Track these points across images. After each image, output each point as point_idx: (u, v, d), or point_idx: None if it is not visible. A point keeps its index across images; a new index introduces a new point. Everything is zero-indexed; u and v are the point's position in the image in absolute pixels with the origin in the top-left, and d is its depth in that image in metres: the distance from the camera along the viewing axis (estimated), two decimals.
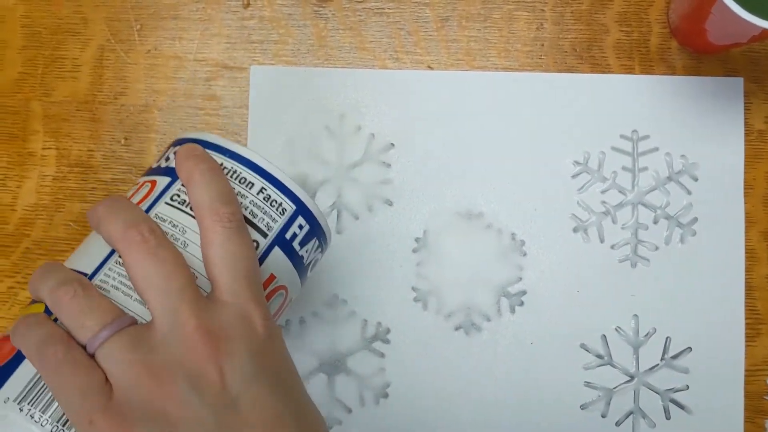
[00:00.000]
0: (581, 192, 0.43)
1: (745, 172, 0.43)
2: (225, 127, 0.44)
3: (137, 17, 0.45)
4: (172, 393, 0.24)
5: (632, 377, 0.42)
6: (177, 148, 0.31)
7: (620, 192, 0.43)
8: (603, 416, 0.42)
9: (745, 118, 0.44)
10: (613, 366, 0.42)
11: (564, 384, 0.42)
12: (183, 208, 0.29)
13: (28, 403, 0.25)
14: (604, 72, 0.44)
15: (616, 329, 0.42)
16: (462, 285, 0.43)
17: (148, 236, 0.26)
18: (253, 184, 0.30)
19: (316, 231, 0.32)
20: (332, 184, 0.43)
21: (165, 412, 0.24)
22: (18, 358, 0.26)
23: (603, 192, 0.43)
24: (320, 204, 0.43)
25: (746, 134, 0.43)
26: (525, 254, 0.43)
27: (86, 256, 0.28)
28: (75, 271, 0.27)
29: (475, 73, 0.44)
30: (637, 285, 0.43)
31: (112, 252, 0.28)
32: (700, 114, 0.43)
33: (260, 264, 0.29)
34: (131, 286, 0.26)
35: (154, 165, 0.32)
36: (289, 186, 0.30)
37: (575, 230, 0.43)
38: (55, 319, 0.26)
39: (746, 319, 0.42)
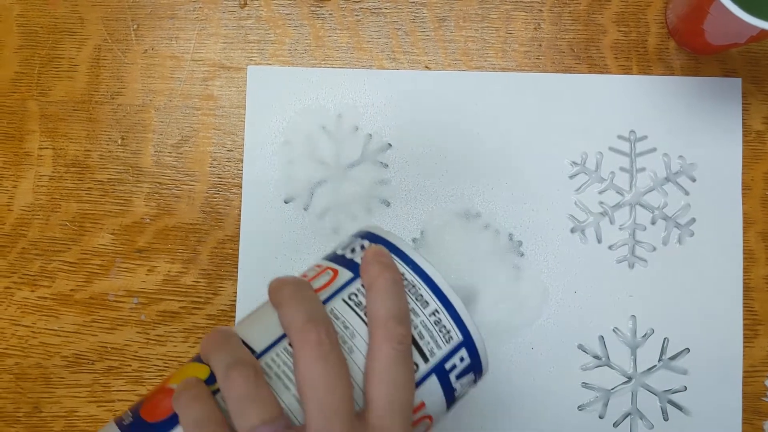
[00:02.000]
0: (579, 192, 0.43)
1: (743, 173, 0.43)
2: (222, 127, 0.44)
3: (134, 17, 0.44)
4: None
5: (630, 378, 0.42)
6: (365, 242, 0.30)
7: (618, 192, 0.43)
8: (600, 417, 0.42)
9: (743, 119, 0.43)
10: (611, 367, 0.42)
11: (561, 385, 0.42)
12: (358, 310, 0.28)
13: None
14: (601, 72, 0.44)
15: (614, 330, 0.42)
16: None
17: (324, 339, 0.26)
18: (428, 304, 0.28)
19: (476, 366, 0.30)
20: (329, 185, 0.43)
21: None
22: (174, 421, 0.26)
23: (600, 192, 0.43)
24: (317, 204, 0.43)
25: (744, 135, 0.43)
26: (522, 254, 0.43)
27: (259, 330, 0.28)
28: (245, 343, 0.27)
29: (472, 73, 0.44)
30: (634, 286, 0.42)
31: (284, 336, 0.27)
32: (698, 114, 0.43)
33: (415, 389, 0.28)
34: (292, 380, 0.26)
35: (339, 251, 0.31)
36: (461, 315, 0.29)
37: (573, 231, 0.43)
38: (215, 390, 0.26)
39: (744, 320, 0.42)
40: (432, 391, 0.28)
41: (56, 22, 0.44)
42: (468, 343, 0.29)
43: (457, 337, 0.29)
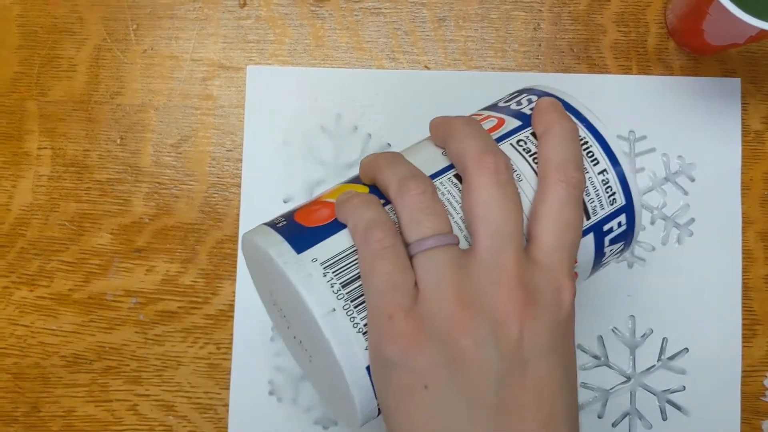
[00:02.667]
0: None
1: (742, 173, 0.43)
2: (221, 127, 0.44)
3: (134, 17, 0.44)
4: (472, 328, 0.24)
5: (629, 378, 0.42)
6: (532, 96, 0.30)
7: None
8: (599, 417, 0.42)
9: (743, 119, 0.44)
10: (610, 367, 0.42)
11: None
12: (526, 156, 0.28)
13: (333, 272, 0.25)
14: (601, 72, 0.44)
15: (613, 330, 0.42)
16: None
17: (502, 169, 0.26)
18: (598, 163, 0.28)
19: (629, 235, 0.30)
20: (328, 185, 0.43)
21: (458, 343, 0.23)
22: (335, 227, 0.26)
23: None
24: None
25: (743, 135, 0.43)
26: None
27: (419, 162, 0.28)
28: None
29: (472, 73, 0.44)
30: (633, 286, 0.42)
31: (449, 168, 0.27)
32: (698, 114, 0.43)
33: None
34: (455, 207, 0.26)
35: (501, 104, 0.31)
36: (629, 179, 0.29)
37: None
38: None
39: (743, 319, 0.42)
40: (586, 248, 0.28)
41: (56, 22, 0.44)
42: (629, 209, 0.29)
43: (620, 200, 0.29)
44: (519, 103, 0.30)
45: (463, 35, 0.44)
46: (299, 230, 0.27)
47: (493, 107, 0.31)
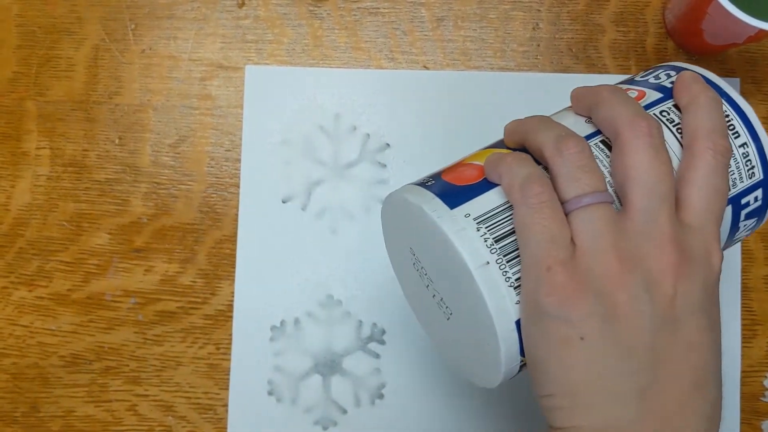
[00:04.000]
0: None
1: None
2: (220, 127, 0.44)
3: (132, 17, 0.44)
4: (628, 283, 0.24)
5: None
6: (671, 71, 0.30)
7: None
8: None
9: None
10: None
11: None
12: (670, 126, 0.28)
13: (486, 227, 0.26)
14: (600, 72, 0.44)
15: None
16: None
17: (656, 133, 0.26)
18: (739, 136, 0.29)
19: (763, 211, 0.30)
20: (327, 185, 0.43)
21: (614, 296, 0.24)
22: (485, 186, 0.27)
23: None
24: (315, 204, 0.43)
25: None
26: None
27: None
28: None
29: (471, 73, 0.44)
30: None
31: (594, 134, 0.28)
32: None
33: None
34: (604, 172, 0.27)
35: (638, 78, 0.32)
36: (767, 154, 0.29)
37: None
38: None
39: (742, 320, 0.42)
40: (724, 220, 0.28)
41: (54, 21, 0.44)
42: (766, 184, 0.29)
43: (759, 174, 0.29)
44: (657, 77, 0.31)
45: (462, 35, 0.44)
46: (450, 188, 0.27)
47: (630, 81, 0.32)
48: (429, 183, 0.28)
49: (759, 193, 0.29)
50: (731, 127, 0.29)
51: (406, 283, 0.34)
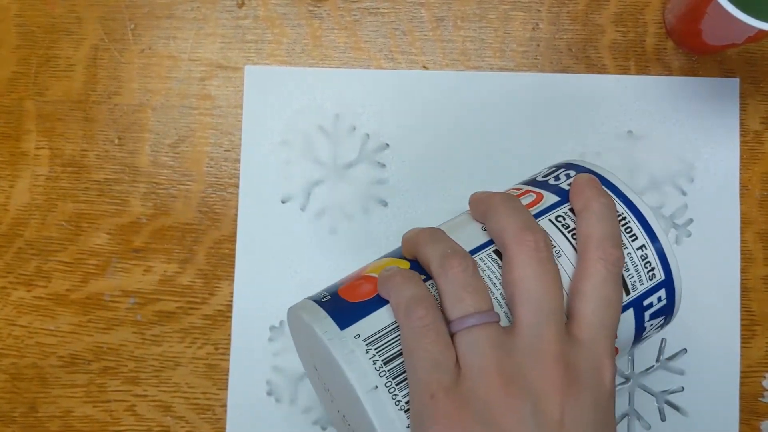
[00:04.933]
0: None
1: (740, 173, 0.43)
2: (219, 127, 0.44)
3: (131, 17, 0.44)
4: (514, 407, 0.24)
5: (627, 379, 0.42)
6: (570, 171, 0.30)
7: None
8: None
9: (741, 119, 0.43)
10: None
11: None
12: (565, 232, 0.28)
13: (375, 349, 0.26)
14: (599, 72, 0.44)
15: None
16: None
17: (542, 246, 0.26)
18: (636, 238, 0.29)
19: (669, 310, 0.30)
20: (326, 185, 0.43)
21: (500, 424, 0.24)
22: (376, 303, 0.27)
23: None
24: (314, 204, 0.43)
25: (742, 135, 0.43)
26: None
27: (460, 237, 0.28)
28: None
29: (470, 73, 0.44)
30: None
31: (488, 243, 0.28)
32: (696, 115, 0.43)
33: None
34: (495, 283, 0.26)
35: (539, 179, 0.31)
36: (668, 255, 0.29)
37: None
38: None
39: (742, 320, 0.42)
40: (626, 324, 0.28)
41: (54, 21, 0.44)
42: (668, 284, 0.29)
43: (660, 275, 0.29)
44: (557, 178, 0.31)
45: (462, 35, 0.44)
46: (343, 305, 0.27)
47: (531, 182, 0.32)
48: (325, 299, 0.28)
49: (662, 293, 0.29)
50: (628, 230, 0.29)
51: (320, 395, 0.34)
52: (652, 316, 0.29)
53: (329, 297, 0.28)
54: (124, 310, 0.43)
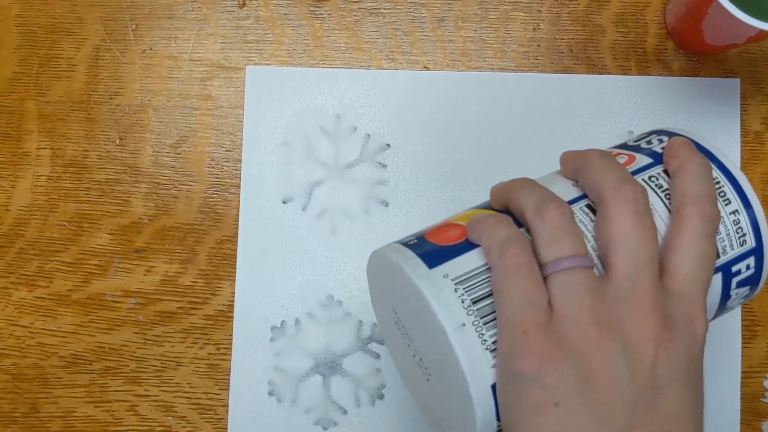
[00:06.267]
0: None
1: None
2: (220, 128, 0.44)
3: (132, 17, 0.44)
4: (606, 349, 0.24)
5: None
6: (663, 136, 0.30)
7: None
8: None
9: (742, 120, 0.43)
10: None
11: None
12: (658, 192, 0.28)
13: (464, 288, 0.26)
14: (600, 73, 0.44)
15: None
16: None
17: (640, 198, 0.26)
18: (730, 203, 0.29)
19: (756, 280, 0.30)
20: (328, 185, 0.43)
21: (591, 362, 0.23)
22: (466, 246, 0.27)
23: None
24: (315, 204, 0.43)
25: (743, 136, 0.43)
26: None
27: (550, 189, 0.28)
28: None
29: (471, 73, 0.44)
30: None
31: (580, 198, 0.28)
32: (697, 115, 0.43)
33: None
34: (587, 237, 0.26)
35: (630, 143, 0.32)
36: (760, 221, 0.29)
37: None
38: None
39: (742, 320, 0.42)
40: (713, 288, 0.28)
41: (55, 22, 0.44)
42: (759, 252, 0.29)
43: (751, 242, 0.29)
44: (649, 142, 0.31)
45: (462, 36, 0.44)
46: (431, 248, 0.27)
47: (622, 146, 0.32)
48: (411, 242, 0.28)
49: (751, 261, 0.29)
50: (722, 194, 0.29)
51: (391, 342, 0.34)
52: (739, 284, 0.29)
53: (416, 241, 0.28)
54: (126, 311, 0.43)
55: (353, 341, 0.42)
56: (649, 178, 0.29)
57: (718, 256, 0.28)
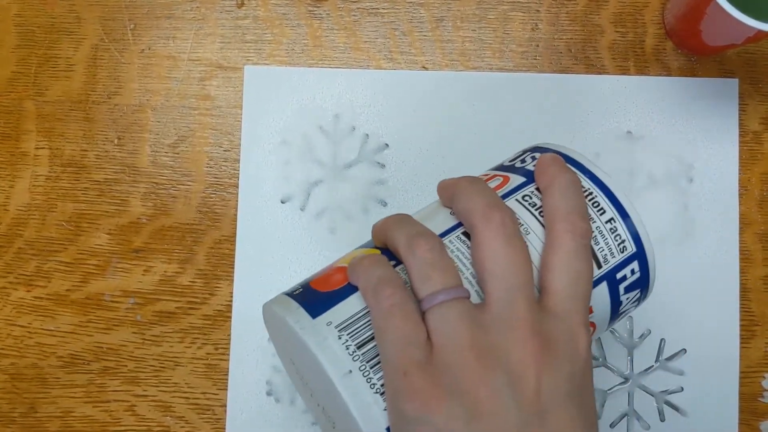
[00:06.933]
0: None
1: (740, 174, 0.43)
2: (219, 127, 0.44)
3: (131, 17, 0.44)
4: (488, 380, 0.23)
5: (627, 379, 0.42)
6: (536, 153, 0.31)
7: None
8: (598, 418, 0.42)
9: (740, 120, 0.43)
10: (608, 368, 0.42)
11: None
12: (532, 210, 0.28)
13: (348, 334, 0.26)
14: (599, 73, 0.44)
15: (611, 331, 0.42)
16: None
17: (508, 222, 0.26)
18: (604, 212, 0.29)
19: (644, 283, 0.30)
20: (326, 185, 0.43)
21: (475, 395, 0.23)
22: (348, 290, 0.27)
23: None
24: (313, 204, 0.43)
25: (741, 135, 0.43)
26: None
27: (429, 222, 0.28)
28: None
29: (470, 73, 0.44)
30: None
31: (457, 226, 0.28)
32: (695, 115, 0.43)
33: None
34: (465, 264, 0.27)
35: (506, 163, 0.32)
36: (637, 226, 0.29)
37: None
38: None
39: (741, 320, 0.42)
40: (600, 297, 0.28)
41: (53, 21, 0.44)
42: (641, 255, 0.29)
43: (631, 247, 0.29)
44: (523, 161, 0.31)
45: (461, 35, 0.44)
46: (314, 296, 0.27)
47: (498, 167, 0.32)
48: (297, 292, 0.28)
49: (635, 265, 0.29)
50: (596, 204, 0.29)
51: (300, 390, 0.34)
52: (627, 289, 0.29)
53: (301, 289, 0.28)
54: (124, 311, 0.43)
55: None
56: (523, 197, 0.29)
57: (600, 266, 0.28)
